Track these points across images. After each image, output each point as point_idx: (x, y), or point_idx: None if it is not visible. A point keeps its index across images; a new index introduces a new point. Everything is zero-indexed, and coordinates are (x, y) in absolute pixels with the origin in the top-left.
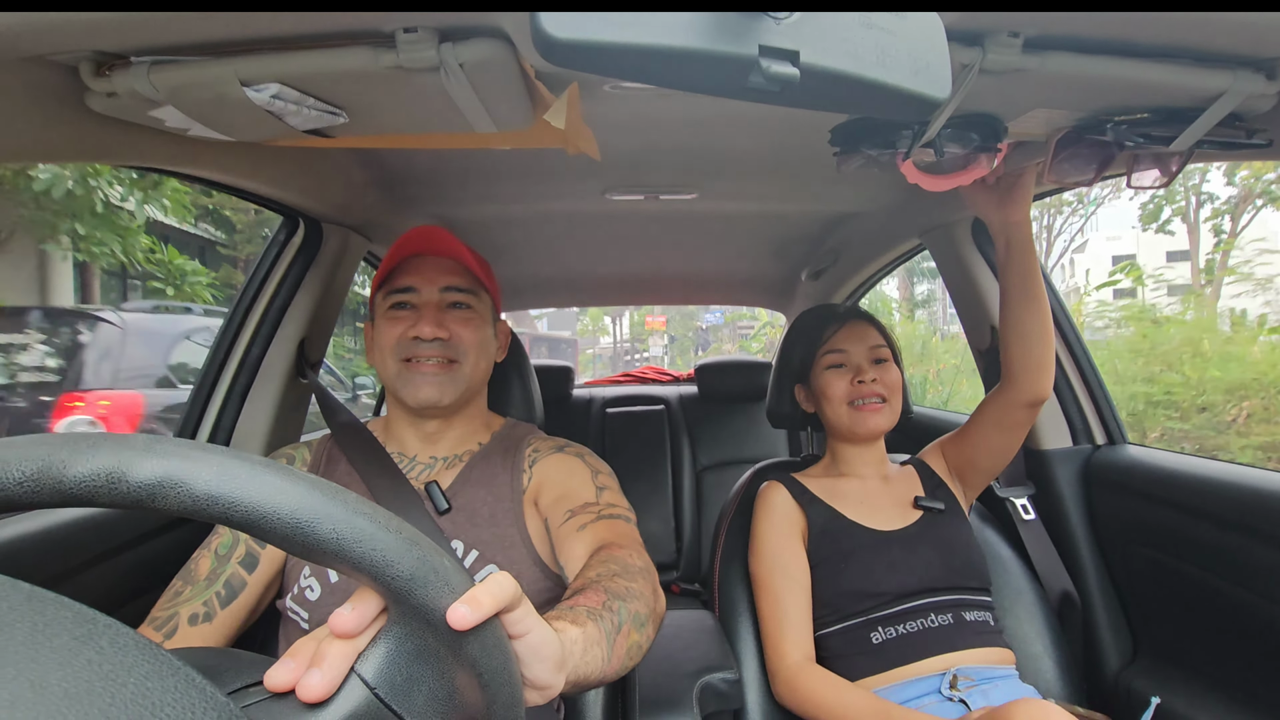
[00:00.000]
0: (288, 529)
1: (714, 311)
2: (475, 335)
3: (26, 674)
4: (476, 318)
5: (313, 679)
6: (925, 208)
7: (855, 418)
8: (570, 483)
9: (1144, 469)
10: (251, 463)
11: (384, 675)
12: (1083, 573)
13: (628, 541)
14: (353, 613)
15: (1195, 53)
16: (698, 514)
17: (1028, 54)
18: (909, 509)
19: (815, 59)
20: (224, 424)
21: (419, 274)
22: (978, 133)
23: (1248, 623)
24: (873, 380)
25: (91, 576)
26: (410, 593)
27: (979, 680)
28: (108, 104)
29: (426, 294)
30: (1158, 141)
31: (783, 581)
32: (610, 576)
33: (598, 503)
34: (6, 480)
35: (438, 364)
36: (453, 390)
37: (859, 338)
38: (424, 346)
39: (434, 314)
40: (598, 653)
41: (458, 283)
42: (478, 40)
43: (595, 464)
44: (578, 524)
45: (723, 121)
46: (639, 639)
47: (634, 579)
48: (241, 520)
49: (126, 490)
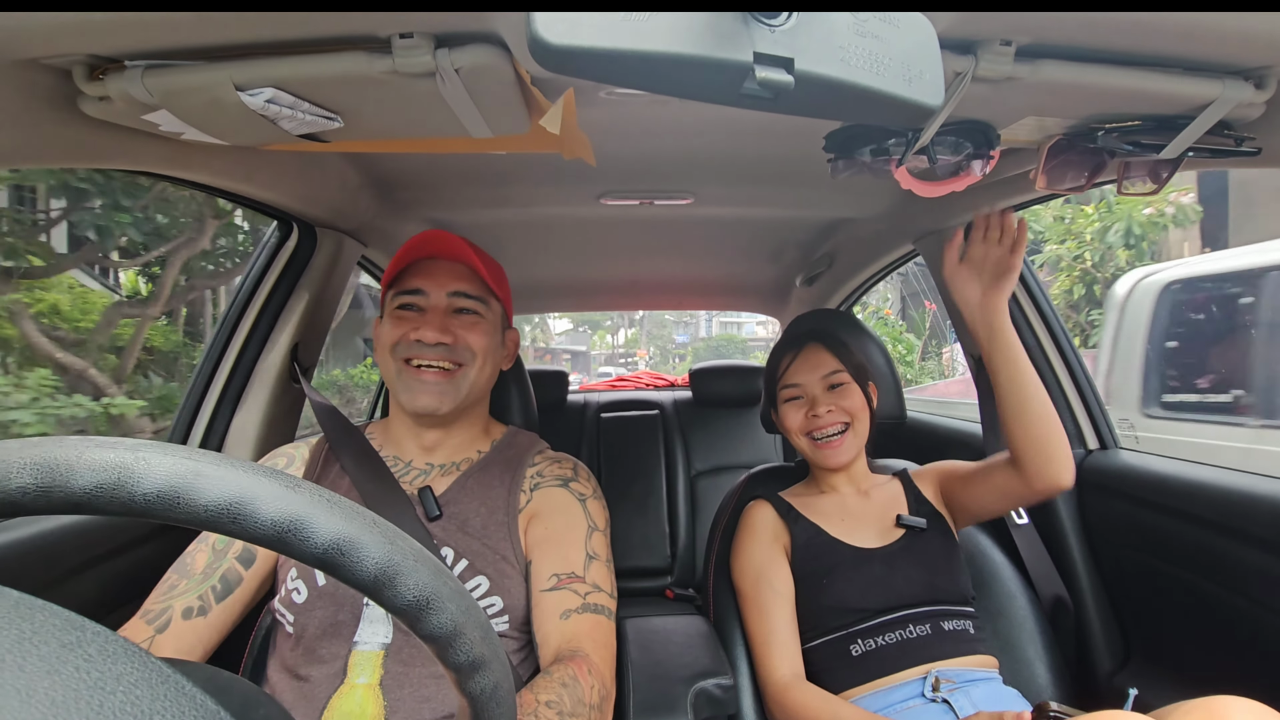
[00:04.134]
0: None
1: (684, 335)
2: (482, 340)
3: (13, 682)
4: (484, 323)
5: None
6: (919, 214)
7: (816, 452)
8: (565, 536)
9: (1136, 473)
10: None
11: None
12: (1075, 576)
13: (598, 651)
14: None
15: (1185, 61)
16: (692, 519)
17: (1020, 62)
18: (891, 527)
19: (809, 66)
20: (216, 428)
21: (429, 277)
22: (970, 140)
23: (1239, 626)
24: (828, 411)
25: (80, 583)
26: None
27: (960, 682)
28: (101, 108)
29: (434, 297)
30: (1148, 149)
31: (769, 596)
32: (556, 713)
33: (584, 580)
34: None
35: (439, 371)
36: (453, 398)
37: (811, 366)
38: (426, 351)
39: (439, 318)
40: None
41: (466, 288)
42: (473, 46)
43: (595, 513)
44: (559, 605)
45: (718, 127)
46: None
47: (602, 686)
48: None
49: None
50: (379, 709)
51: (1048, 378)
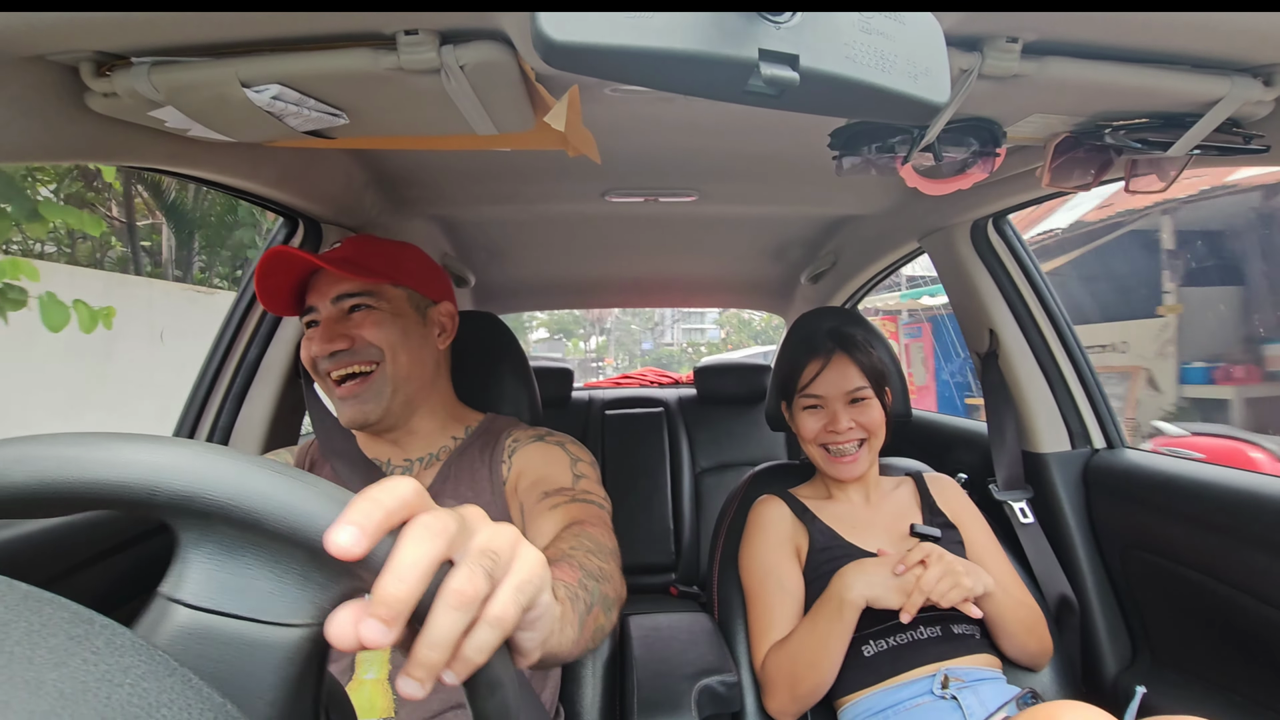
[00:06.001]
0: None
1: (649, 342)
2: (382, 331)
3: (22, 674)
4: (377, 314)
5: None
6: (924, 211)
7: (829, 464)
8: (548, 469)
9: (1143, 473)
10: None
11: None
12: (1081, 576)
13: (599, 522)
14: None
15: (1193, 58)
16: (696, 516)
17: (1026, 59)
18: (904, 536)
19: (814, 63)
20: (222, 424)
21: (315, 290)
22: (976, 137)
23: (1246, 627)
24: (848, 428)
25: (88, 577)
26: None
27: (969, 680)
28: (108, 104)
29: (324, 309)
30: (1156, 147)
31: (776, 593)
32: (584, 553)
33: (573, 489)
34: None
35: (355, 382)
36: (376, 402)
37: (837, 381)
38: (331, 362)
39: (329, 327)
40: (570, 633)
41: (348, 288)
42: (478, 43)
43: (576, 452)
44: (550, 504)
45: (723, 124)
46: (604, 622)
47: (606, 559)
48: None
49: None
50: (388, 703)
51: (1053, 376)
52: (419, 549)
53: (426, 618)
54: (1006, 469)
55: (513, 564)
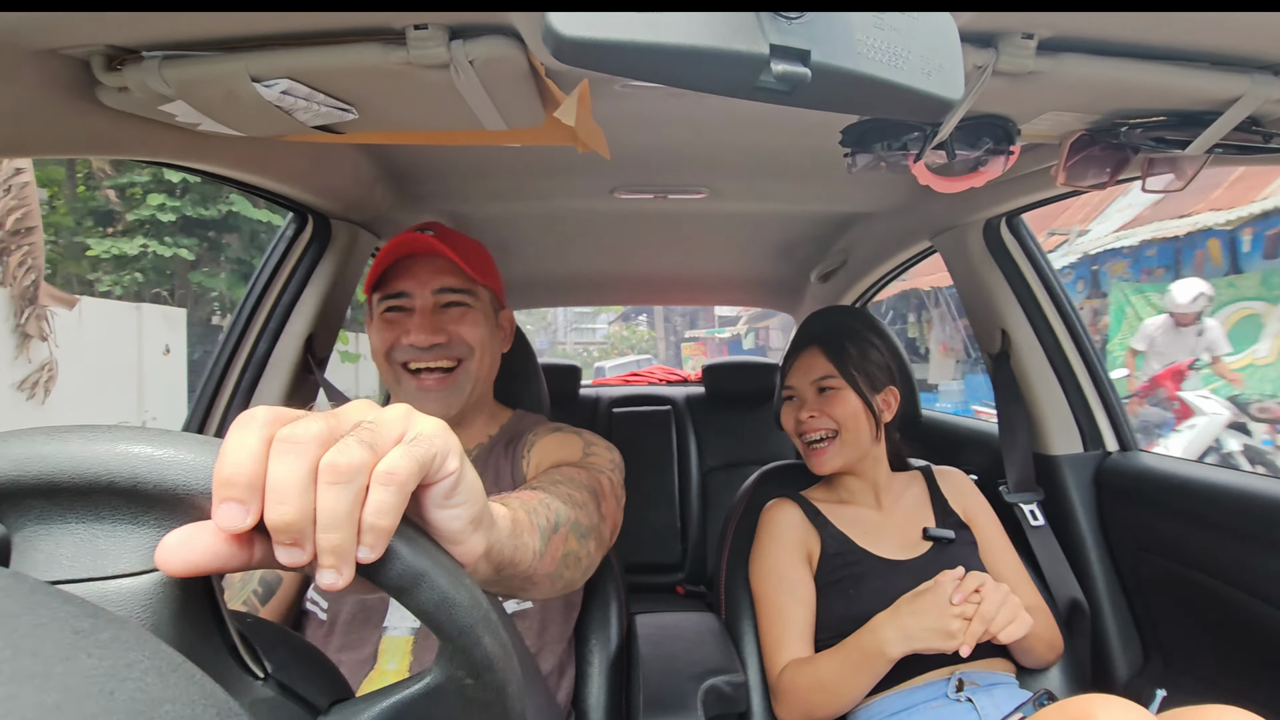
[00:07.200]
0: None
1: (544, 341)
2: (475, 332)
3: (27, 668)
4: (474, 313)
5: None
6: (936, 209)
7: (808, 454)
8: (562, 452)
9: (1156, 476)
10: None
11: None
12: (1092, 580)
13: (593, 474)
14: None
15: (1211, 56)
16: (704, 515)
17: (1042, 56)
18: (918, 540)
19: (826, 59)
20: (231, 418)
21: (411, 277)
22: (990, 134)
23: (1258, 632)
24: (810, 416)
25: None
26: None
27: (983, 684)
28: (119, 98)
29: (420, 298)
30: (1173, 145)
31: (788, 601)
32: (552, 483)
33: (581, 461)
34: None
35: (439, 377)
36: (458, 400)
37: (805, 369)
38: (422, 354)
39: (428, 319)
40: (529, 542)
41: (451, 283)
42: (488, 38)
43: (591, 438)
44: (555, 474)
45: (733, 121)
46: (578, 549)
47: (582, 493)
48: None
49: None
50: None
51: (1066, 377)
52: (283, 465)
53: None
54: (1017, 471)
55: (403, 431)
